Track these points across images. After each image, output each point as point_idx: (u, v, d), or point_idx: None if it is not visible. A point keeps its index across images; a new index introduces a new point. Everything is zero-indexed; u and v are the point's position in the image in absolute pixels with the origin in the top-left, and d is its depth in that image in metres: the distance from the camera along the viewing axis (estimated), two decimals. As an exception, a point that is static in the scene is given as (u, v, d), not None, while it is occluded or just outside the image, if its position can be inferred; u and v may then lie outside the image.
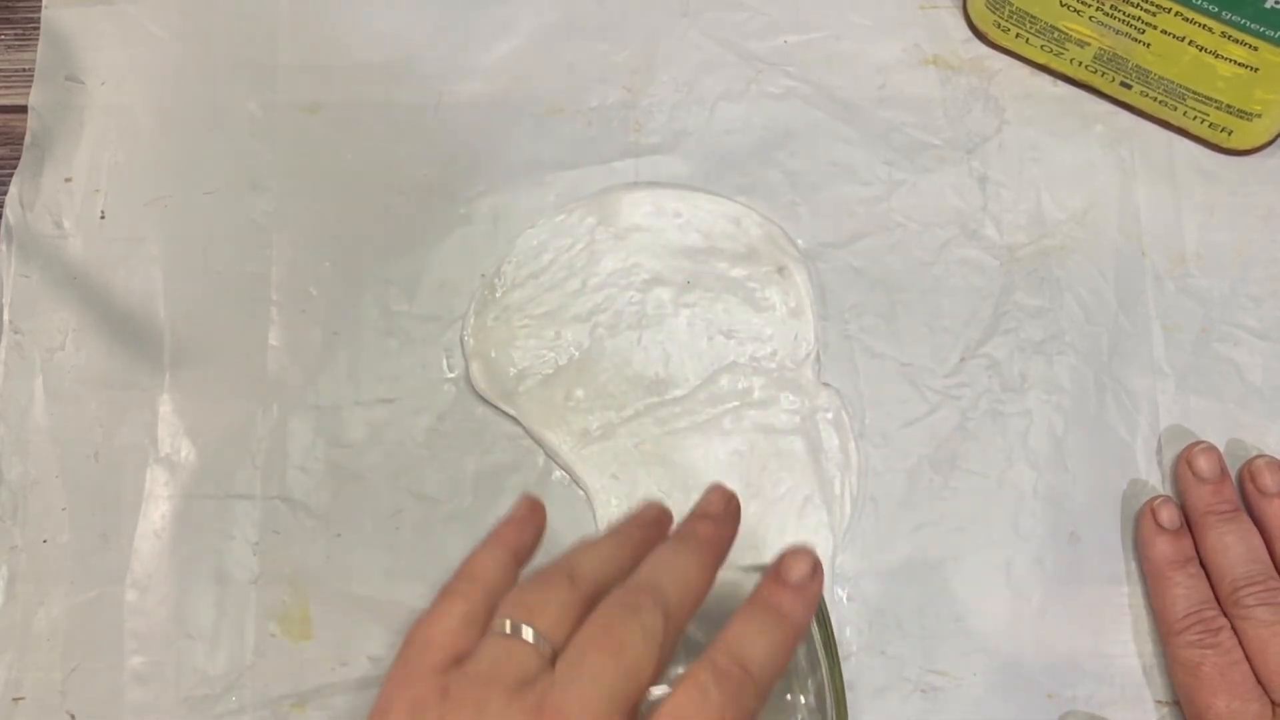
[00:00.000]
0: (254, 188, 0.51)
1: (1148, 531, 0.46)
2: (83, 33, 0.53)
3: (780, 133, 0.52)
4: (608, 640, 0.34)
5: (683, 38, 0.53)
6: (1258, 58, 0.46)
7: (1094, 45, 0.49)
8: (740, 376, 0.48)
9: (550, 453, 0.48)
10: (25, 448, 0.48)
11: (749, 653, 0.35)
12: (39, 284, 0.50)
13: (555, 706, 0.33)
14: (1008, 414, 0.48)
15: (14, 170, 0.51)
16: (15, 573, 0.47)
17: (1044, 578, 0.47)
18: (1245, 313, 0.49)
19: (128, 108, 0.52)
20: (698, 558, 0.37)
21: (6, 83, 0.53)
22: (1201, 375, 0.49)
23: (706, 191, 0.51)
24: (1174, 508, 0.46)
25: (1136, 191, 0.51)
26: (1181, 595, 0.44)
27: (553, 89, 0.52)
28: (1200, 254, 0.50)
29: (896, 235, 0.50)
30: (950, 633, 0.46)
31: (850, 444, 0.48)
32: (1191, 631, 0.43)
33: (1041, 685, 0.45)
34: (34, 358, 0.49)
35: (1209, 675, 0.43)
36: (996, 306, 0.50)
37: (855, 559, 0.47)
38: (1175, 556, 0.45)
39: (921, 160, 0.51)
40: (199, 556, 0.47)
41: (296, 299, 0.50)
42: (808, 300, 0.49)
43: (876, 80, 0.52)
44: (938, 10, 0.53)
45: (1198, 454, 0.46)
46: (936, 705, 0.45)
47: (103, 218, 0.51)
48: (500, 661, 0.35)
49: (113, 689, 0.46)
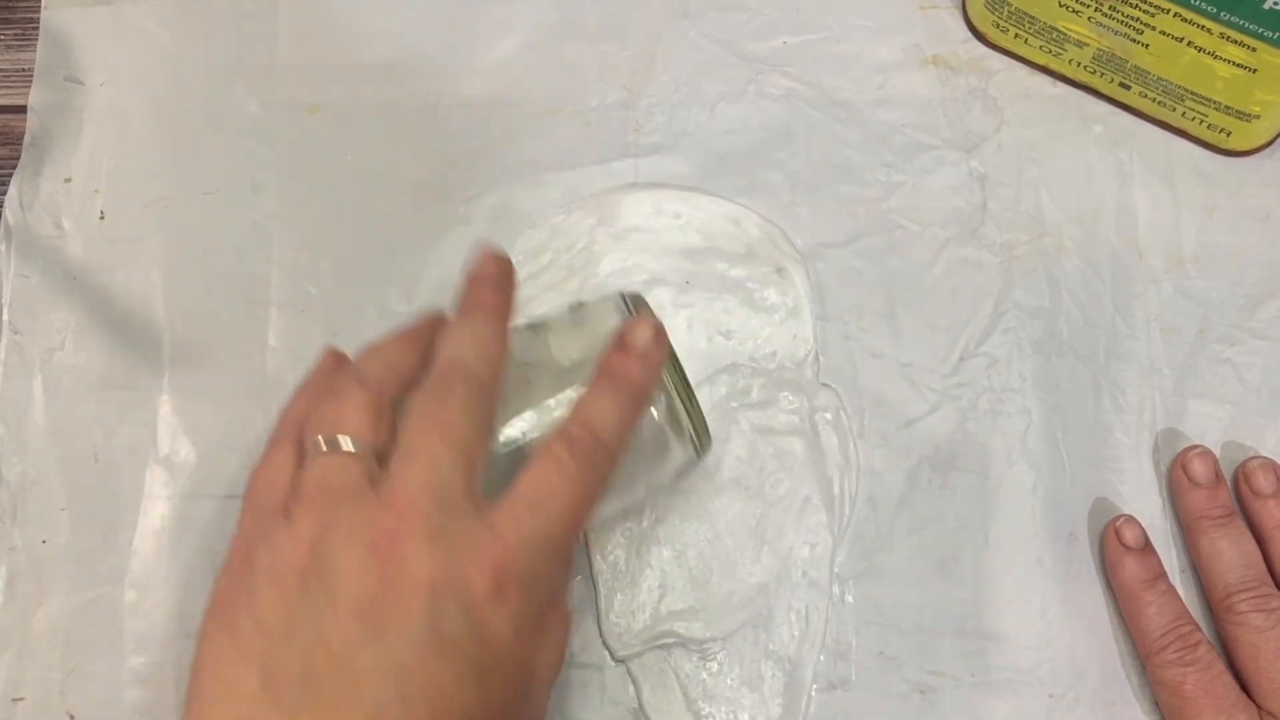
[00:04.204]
0: (254, 188, 0.51)
1: (1114, 552, 0.45)
2: (83, 33, 0.53)
3: (780, 133, 0.52)
4: (434, 426, 0.36)
5: (683, 38, 0.53)
6: (1256, 59, 0.46)
7: (1093, 46, 0.49)
8: (739, 377, 0.48)
9: None
10: (25, 448, 0.48)
11: (599, 418, 0.37)
12: (38, 284, 0.50)
13: (402, 496, 0.34)
14: (1007, 414, 0.48)
15: (13, 170, 0.51)
16: (14, 573, 0.47)
17: (1044, 578, 0.47)
18: (1243, 314, 0.50)
19: (127, 108, 0.52)
20: (489, 325, 0.39)
21: (6, 83, 0.53)
22: (1199, 376, 0.49)
23: (706, 192, 0.51)
24: (1138, 526, 0.46)
25: (1135, 192, 0.51)
26: (1155, 614, 0.44)
27: (552, 89, 0.53)
28: (1198, 255, 0.50)
29: (896, 235, 0.51)
30: (950, 633, 0.46)
31: (850, 444, 0.48)
32: (1170, 650, 0.43)
33: (1042, 685, 0.45)
34: (33, 358, 0.49)
35: (1193, 694, 0.43)
36: (996, 305, 0.50)
37: (855, 559, 0.47)
38: (1144, 575, 0.45)
39: (921, 161, 0.51)
40: (199, 557, 0.47)
41: (296, 299, 0.50)
42: (807, 300, 0.49)
43: (876, 81, 0.53)
44: (937, 11, 0.53)
45: (1192, 458, 0.46)
46: (936, 705, 0.45)
47: (102, 218, 0.51)
48: (330, 475, 0.36)
49: (112, 689, 0.46)
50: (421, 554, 0.33)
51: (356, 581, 0.33)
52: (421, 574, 0.33)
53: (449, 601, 0.33)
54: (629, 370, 0.39)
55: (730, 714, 0.45)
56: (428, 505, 0.34)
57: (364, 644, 0.33)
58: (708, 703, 0.45)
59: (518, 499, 0.36)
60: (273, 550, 0.34)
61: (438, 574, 0.33)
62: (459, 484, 0.35)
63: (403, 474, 0.35)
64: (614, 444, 0.38)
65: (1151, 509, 0.47)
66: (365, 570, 0.33)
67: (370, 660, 0.32)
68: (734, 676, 0.45)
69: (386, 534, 0.33)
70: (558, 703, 0.45)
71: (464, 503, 0.35)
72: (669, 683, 0.45)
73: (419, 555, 0.33)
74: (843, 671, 0.46)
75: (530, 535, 0.35)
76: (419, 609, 0.33)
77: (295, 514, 0.35)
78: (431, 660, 0.33)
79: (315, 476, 0.36)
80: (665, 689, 0.45)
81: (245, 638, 0.34)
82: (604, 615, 0.46)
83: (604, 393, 0.38)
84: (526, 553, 0.35)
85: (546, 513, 0.35)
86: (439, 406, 0.36)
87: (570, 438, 0.37)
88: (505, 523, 0.35)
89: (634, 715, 0.45)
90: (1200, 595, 0.46)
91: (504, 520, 0.35)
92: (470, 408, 0.36)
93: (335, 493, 0.35)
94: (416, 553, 0.33)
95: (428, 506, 0.34)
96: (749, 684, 0.45)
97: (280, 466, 0.37)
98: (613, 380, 0.39)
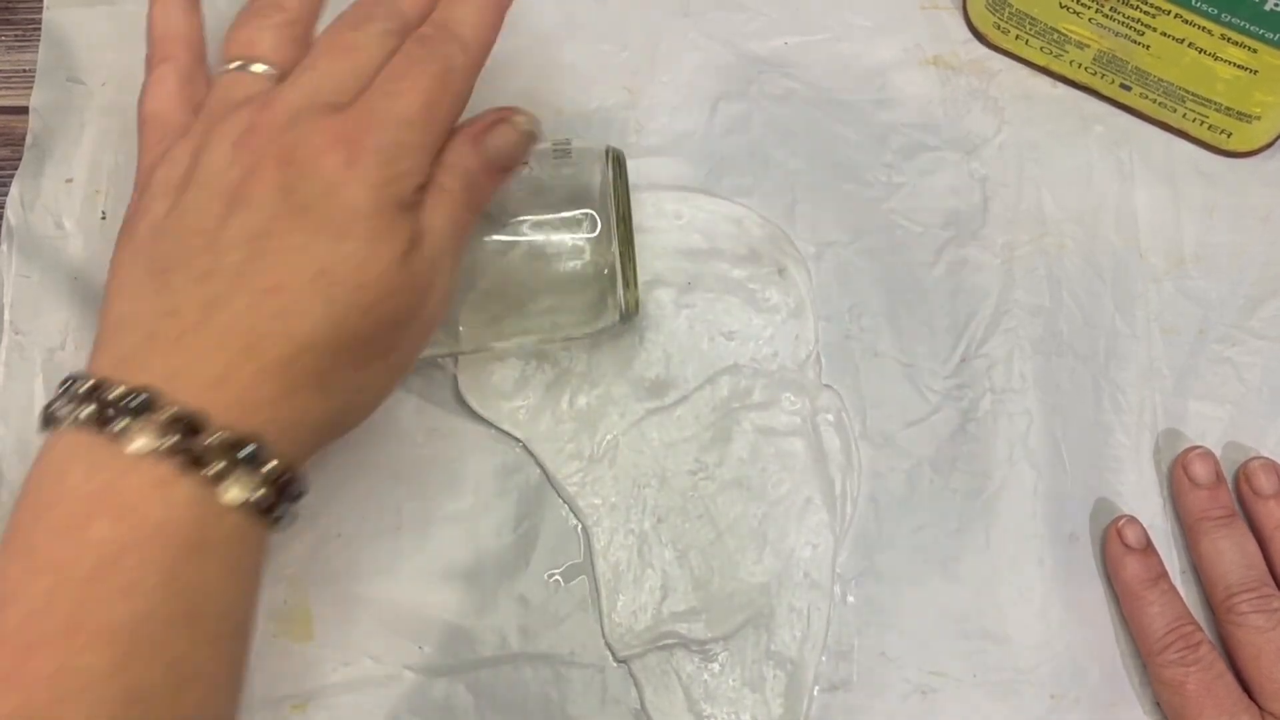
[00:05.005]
0: (255, 188, 0.51)
1: (1115, 552, 0.46)
2: (84, 33, 0.53)
3: (780, 133, 0.52)
4: (338, 42, 0.38)
5: (683, 38, 0.53)
6: (1257, 60, 0.46)
7: (1093, 47, 0.49)
8: (741, 378, 0.48)
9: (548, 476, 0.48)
10: (26, 448, 0.48)
11: (453, 16, 0.38)
12: (40, 285, 0.50)
13: (277, 96, 0.36)
14: (1009, 414, 0.48)
15: (15, 171, 0.51)
16: (16, 573, 0.47)
17: (1045, 578, 0.47)
18: (1243, 314, 0.50)
19: (129, 108, 0.51)
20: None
21: (7, 83, 0.53)
22: (1199, 377, 0.49)
23: (707, 192, 0.51)
24: (1139, 526, 0.46)
25: (1135, 193, 0.51)
26: (1157, 614, 0.44)
27: (553, 89, 0.52)
28: (1199, 255, 0.50)
29: (897, 235, 0.51)
30: (950, 633, 0.46)
31: (851, 445, 0.48)
32: (1172, 650, 0.43)
33: (1043, 686, 0.46)
34: (35, 358, 0.49)
35: (1194, 693, 0.43)
36: (997, 305, 0.50)
37: (856, 559, 0.47)
38: (1146, 575, 0.45)
39: (921, 161, 0.51)
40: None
41: (297, 300, 0.50)
42: (808, 301, 0.49)
43: (876, 81, 0.53)
44: (938, 11, 0.54)
45: (1193, 459, 0.46)
46: (936, 705, 0.45)
47: (104, 218, 0.51)
48: (230, 91, 0.38)
49: (114, 690, 0.46)
50: (276, 138, 0.35)
51: (221, 174, 0.36)
52: (274, 153, 0.35)
53: (300, 173, 0.35)
54: None
55: (732, 715, 0.45)
56: (295, 100, 0.36)
57: (226, 221, 0.35)
58: (709, 703, 0.45)
59: (369, 91, 0.36)
60: (167, 164, 0.37)
61: (288, 151, 0.35)
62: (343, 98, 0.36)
63: (290, 82, 0.37)
64: (470, 39, 0.38)
65: (1152, 509, 0.47)
66: (230, 163, 0.36)
67: (232, 232, 0.35)
68: (736, 677, 0.45)
69: (250, 128, 0.36)
70: (560, 703, 0.45)
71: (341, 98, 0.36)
72: (671, 683, 0.45)
73: (273, 139, 0.35)
74: (844, 672, 0.46)
75: (380, 111, 0.36)
76: (272, 183, 0.35)
77: (193, 129, 0.38)
78: (285, 222, 0.35)
79: (219, 92, 0.38)
80: (667, 690, 0.45)
81: (139, 241, 0.37)
82: (606, 616, 0.46)
83: None
84: (379, 126, 0.35)
85: (397, 92, 0.36)
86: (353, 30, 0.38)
87: (421, 33, 0.38)
88: (356, 106, 0.36)
89: (636, 716, 0.45)
90: (1201, 596, 0.46)
91: (355, 106, 0.36)
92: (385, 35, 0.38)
93: (228, 104, 0.37)
94: (271, 139, 0.35)
95: (295, 100, 0.36)
96: (751, 685, 0.45)
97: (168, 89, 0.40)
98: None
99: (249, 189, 0.35)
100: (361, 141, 0.35)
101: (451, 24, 0.38)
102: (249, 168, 0.35)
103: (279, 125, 0.36)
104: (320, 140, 0.35)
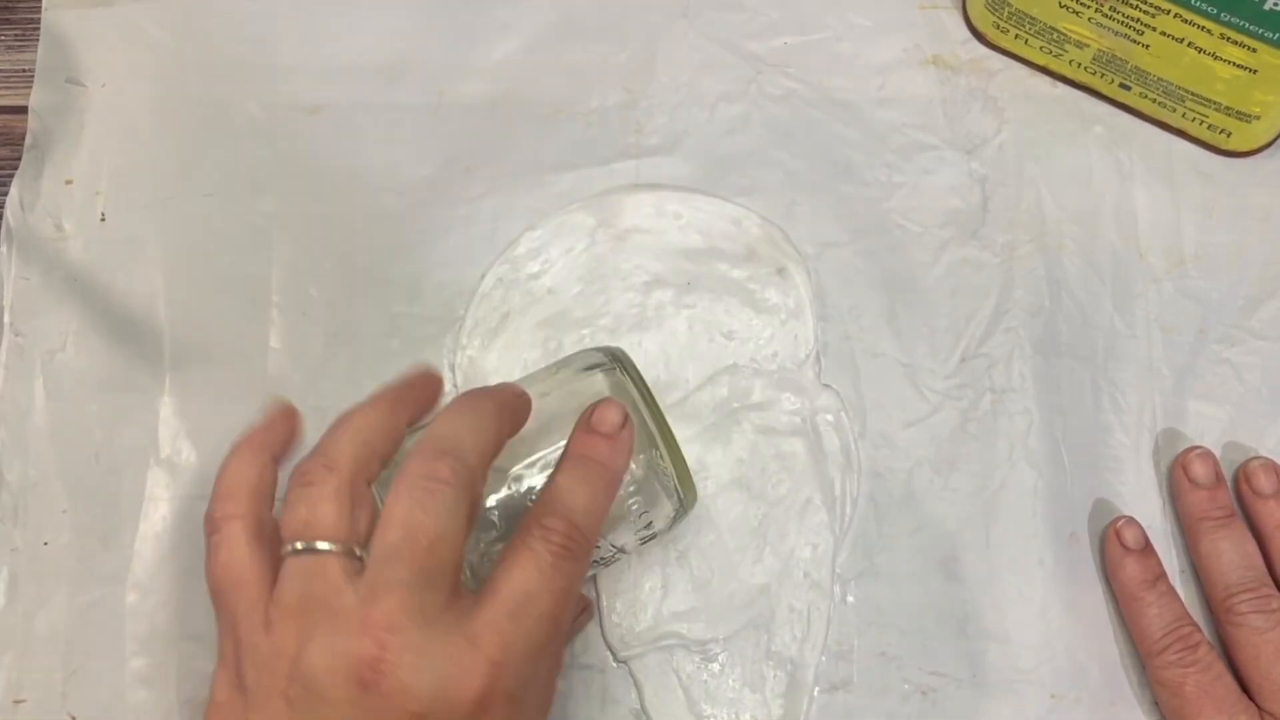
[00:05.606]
0: (254, 189, 0.51)
1: (1114, 553, 0.46)
2: (83, 34, 0.53)
3: (780, 133, 0.52)
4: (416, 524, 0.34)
5: (683, 38, 0.53)
6: (1257, 60, 0.46)
7: (1093, 47, 0.49)
8: (741, 378, 0.48)
9: None
10: (26, 450, 0.48)
11: (572, 505, 0.37)
12: (39, 286, 0.50)
13: (381, 616, 0.33)
14: (1008, 414, 0.48)
15: (14, 172, 0.51)
16: (16, 575, 0.47)
17: (1044, 578, 0.47)
18: (1243, 314, 0.50)
19: (128, 109, 0.52)
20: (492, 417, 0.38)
21: (6, 84, 0.53)
22: (1199, 377, 0.49)
23: (706, 193, 0.51)
24: (1138, 527, 0.46)
25: (1135, 192, 0.51)
26: (1156, 615, 0.44)
27: (553, 90, 0.52)
28: (1198, 255, 0.50)
29: (896, 235, 0.51)
30: (950, 633, 0.46)
31: (851, 445, 0.48)
32: (1171, 651, 0.43)
33: (1043, 685, 0.46)
34: (34, 360, 0.49)
35: (1193, 694, 0.43)
36: (997, 305, 0.50)
37: (856, 559, 0.47)
38: (1145, 576, 0.45)
39: (921, 161, 0.51)
40: (200, 558, 0.47)
41: (297, 301, 0.50)
42: (808, 301, 0.49)
43: (876, 81, 0.53)
44: (937, 11, 0.53)
45: (1193, 459, 0.46)
46: (936, 705, 0.45)
47: (103, 220, 0.51)
48: (308, 584, 0.34)
49: (114, 691, 0.46)
50: (405, 679, 0.33)
51: (341, 710, 0.33)
52: (407, 703, 0.33)
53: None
54: (599, 451, 0.38)
55: (732, 715, 0.45)
56: (407, 625, 0.33)
57: None
58: (710, 704, 0.45)
59: (498, 603, 0.35)
60: (257, 668, 0.34)
61: (423, 701, 0.33)
62: (440, 593, 0.34)
63: (384, 580, 0.34)
64: (589, 529, 0.37)
65: (1152, 510, 0.47)
66: (351, 701, 0.33)
67: None
68: (736, 677, 0.45)
69: (369, 661, 0.33)
70: (560, 703, 0.45)
71: (445, 614, 0.34)
72: (671, 684, 0.45)
73: (402, 681, 0.33)
74: (844, 672, 0.46)
75: (514, 646, 0.34)
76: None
77: (274, 620, 0.34)
78: None
79: (295, 584, 0.35)
80: (667, 690, 0.45)
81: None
82: (606, 616, 0.46)
83: (575, 477, 0.38)
84: (512, 667, 0.34)
85: (529, 617, 0.35)
86: (425, 496, 0.35)
87: (545, 530, 0.36)
88: (487, 636, 0.34)
89: (636, 716, 0.45)
90: (1200, 596, 0.46)
91: (486, 634, 0.34)
92: (458, 503, 0.35)
93: (313, 599, 0.34)
94: (399, 679, 0.33)
95: (408, 626, 0.33)
96: (751, 685, 0.45)
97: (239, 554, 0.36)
98: (583, 463, 0.38)
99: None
100: (496, 686, 0.34)
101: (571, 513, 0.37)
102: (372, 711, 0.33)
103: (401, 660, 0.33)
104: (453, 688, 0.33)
